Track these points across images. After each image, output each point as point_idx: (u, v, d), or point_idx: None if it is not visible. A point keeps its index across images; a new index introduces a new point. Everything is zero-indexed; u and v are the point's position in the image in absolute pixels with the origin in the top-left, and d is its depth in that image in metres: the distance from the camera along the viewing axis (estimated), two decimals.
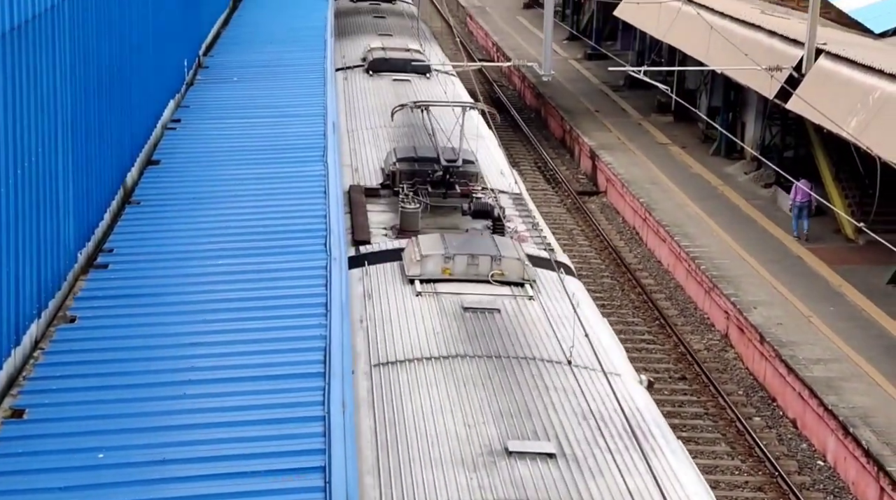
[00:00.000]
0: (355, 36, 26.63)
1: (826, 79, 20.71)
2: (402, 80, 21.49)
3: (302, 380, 8.22)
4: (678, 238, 22.77)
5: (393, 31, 27.05)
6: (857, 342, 17.79)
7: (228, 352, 8.62)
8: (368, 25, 28.22)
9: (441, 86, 21.51)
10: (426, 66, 22.05)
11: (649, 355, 19.23)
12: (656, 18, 28.59)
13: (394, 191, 14.30)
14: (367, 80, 21.71)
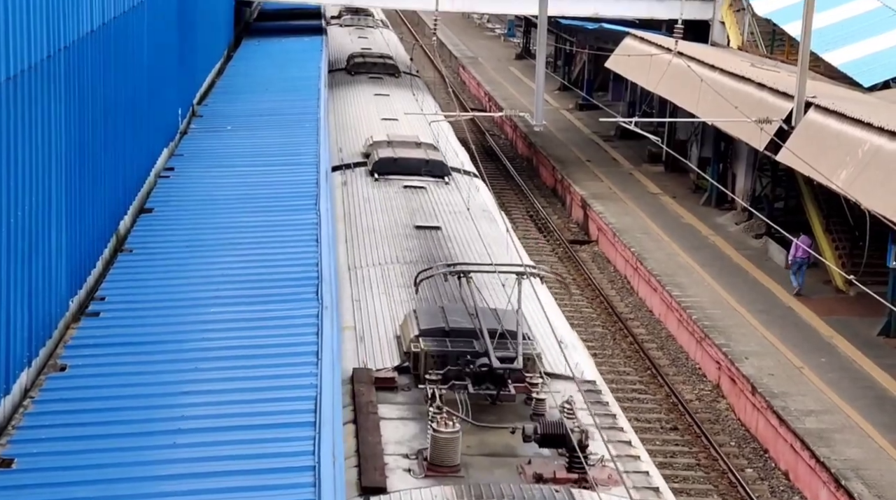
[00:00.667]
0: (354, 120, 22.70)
1: (816, 131, 20.90)
2: (417, 188, 16.98)
3: (292, 429, 8.19)
4: (669, 288, 22.82)
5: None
6: (849, 394, 17.79)
7: (219, 401, 8.59)
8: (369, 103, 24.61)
9: (463, 195, 16.85)
10: (442, 165, 17.80)
11: (641, 405, 19.18)
12: (647, 70, 28.88)
13: (416, 382, 9.97)
14: (371, 188, 17.08)
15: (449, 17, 60.35)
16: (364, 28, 37.05)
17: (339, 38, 34.26)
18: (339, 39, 33.93)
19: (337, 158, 18.60)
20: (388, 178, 17.29)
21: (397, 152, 17.98)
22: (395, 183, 17.14)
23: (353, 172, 17.93)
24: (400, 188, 16.89)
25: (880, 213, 16.60)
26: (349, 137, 20.65)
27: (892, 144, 18.29)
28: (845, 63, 25.47)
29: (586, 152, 35.10)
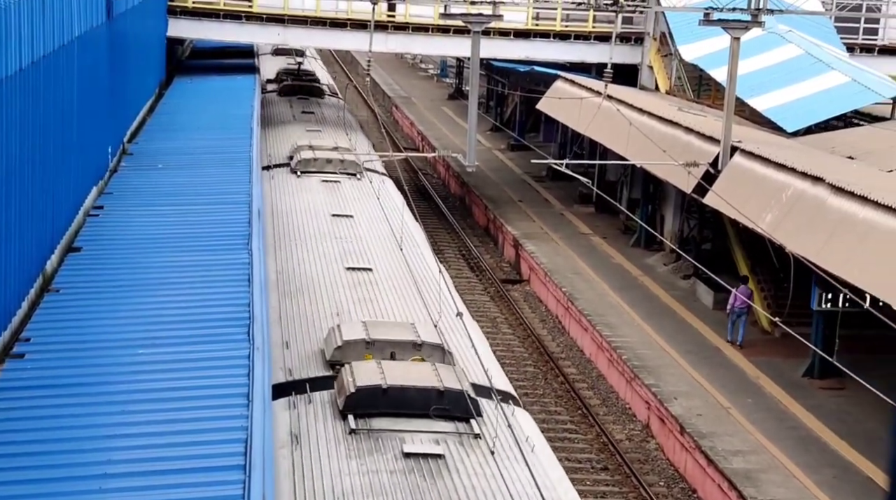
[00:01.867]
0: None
1: (741, 175, 21.37)
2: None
3: (222, 473, 8.10)
4: (600, 328, 23.04)
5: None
6: (774, 434, 18.07)
7: (148, 444, 8.46)
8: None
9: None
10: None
11: (572, 445, 19.27)
12: (577, 113, 29.31)
13: None
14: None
15: (382, 57, 60.69)
16: None
17: None
18: None
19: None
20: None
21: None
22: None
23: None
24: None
25: (803, 256, 17.00)
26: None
27: (814, 189, 18.77)
28: (769, 109, 26.13)
29: (518, 192, 35.42)
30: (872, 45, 32.19)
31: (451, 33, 31.15)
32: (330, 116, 29.44)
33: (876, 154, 22.94)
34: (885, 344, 20.86)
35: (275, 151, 23.47)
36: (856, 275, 16.50)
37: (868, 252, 16.61)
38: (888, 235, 16.27)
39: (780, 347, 21.13)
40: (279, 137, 25.53)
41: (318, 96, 31.96)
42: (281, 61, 37.98)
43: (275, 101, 31.12)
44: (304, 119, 28.38)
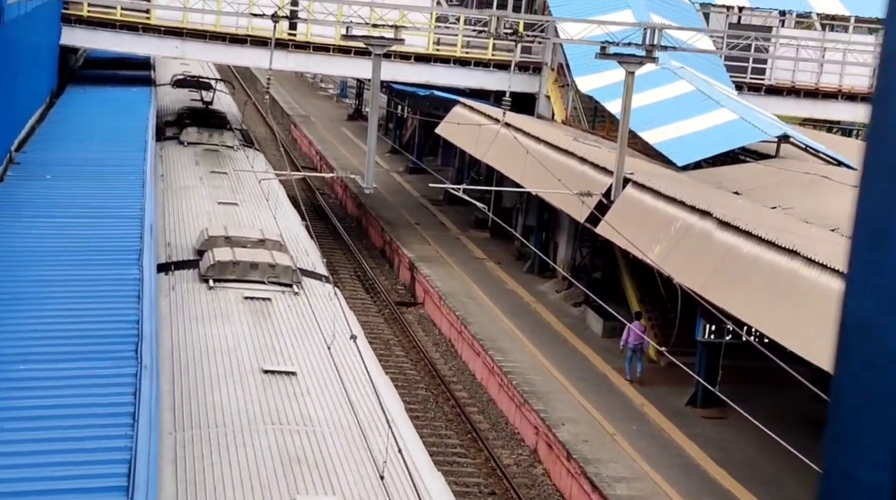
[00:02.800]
0: None
1: (632, 206, 21.86)
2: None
3: (103, 495, 7.91)
4: (492, 352, 23.23)
5: None
6: (657, 461, 18.45)
7: (26, 463, 8.22)
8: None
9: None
10: None
11: (461, 469, 19.35)
12: (475, 139, 29.61)
13: None
14: None
15: (283, 76, 60.35)
16: None
17: None
18: None
19: None
20: None
21: None
22: None
23: None
24: None
25: (690, 288, 17.45)
26: None
27: (702, 223, 19.31)
28: (661, 142, 26.81)
29: (415, 215, 35.55)
30: (760, 84, 33.35)
31: (353, 54, 31.18)
32: None
33: (760, 190, 23.72)
34: (766, 375, 21.53)
35: (176, 239, 17.12)
36: (738, 308, 17.01)
37: (750, 286, 17.14)
38: (770, 269, 16.83)
39: (665, 376, 21.61)
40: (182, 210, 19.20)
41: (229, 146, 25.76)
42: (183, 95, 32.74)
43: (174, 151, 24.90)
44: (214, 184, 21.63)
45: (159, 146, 23.46)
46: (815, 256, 15.88)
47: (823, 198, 22.33)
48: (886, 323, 1.03)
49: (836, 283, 15.22)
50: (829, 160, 26.67)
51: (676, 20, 30.67)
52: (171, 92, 31.55)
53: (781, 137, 26.90)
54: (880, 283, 1.04)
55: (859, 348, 1.06)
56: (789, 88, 33.29)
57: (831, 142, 29.92)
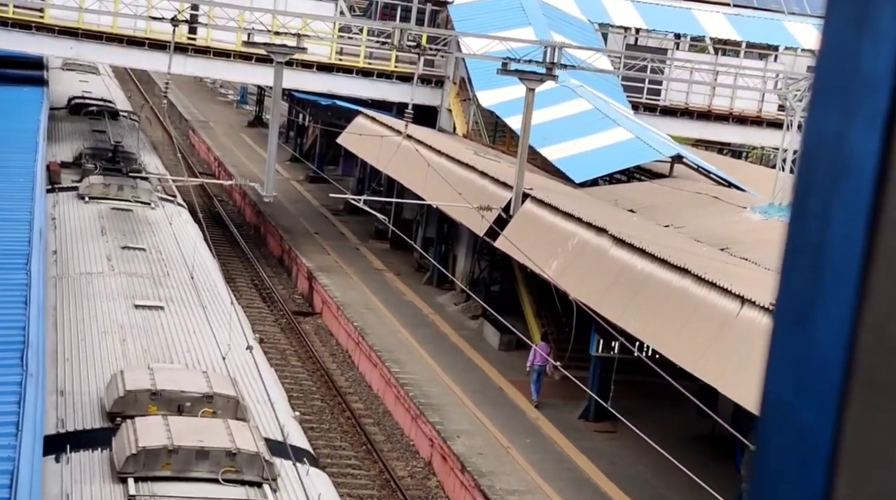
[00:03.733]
0: None
1: (531, 221, 22.14)
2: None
3: None
4: (389, 364, 23.23)
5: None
6: (550, 475, 18.67)
7: None
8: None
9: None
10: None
11: (354, 481, 19.29)
12: (378, 150, 29.64)
13: None
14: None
15: (181, 80, 59.42)
16: None
17: None
18: None
19: None
20: None
21: None
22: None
23: None
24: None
25: (584, 303, 17.75)
26: None
27: (598, 239, 19.67)
28: (559, 159, 27.23)
29: (315, 225, 35.36)
30: (655, 104, 34.15)
31: (254, 61, 30.90)
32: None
33: (655, 209, 24.27)
34: (656, 391, 22.00)
35: None
36: (631, 324, 17.36)
37: (643, 302, 17.52)
38: (661, 287, 17.23)
39: (559, 389, 21.90)
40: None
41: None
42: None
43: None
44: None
45: (51, 201, 19.87)
46: (705, 274, 16.31)
47: (714, 217, 22.97)
48: (805, 402, 1.08)
49: (724, 301, 15.65)
50: (719, 181, 27.43)
51: (576, 39, 31.22)
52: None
53: (675, 157, 27.58)
54: (801, 362, 1.09)
55: (779, 425, 1.10)
56: (683, 110, 34.16)
57: (722, 163, 30.80)
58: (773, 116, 33.49)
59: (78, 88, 34.27)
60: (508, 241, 21.47)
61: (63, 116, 29.96)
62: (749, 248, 19.90)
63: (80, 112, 30.70)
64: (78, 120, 29.77)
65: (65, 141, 26.15)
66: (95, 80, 37.62)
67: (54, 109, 29.27)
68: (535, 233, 21.66)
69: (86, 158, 22.70)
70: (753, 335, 14.63)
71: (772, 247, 20.90)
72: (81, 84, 34.51)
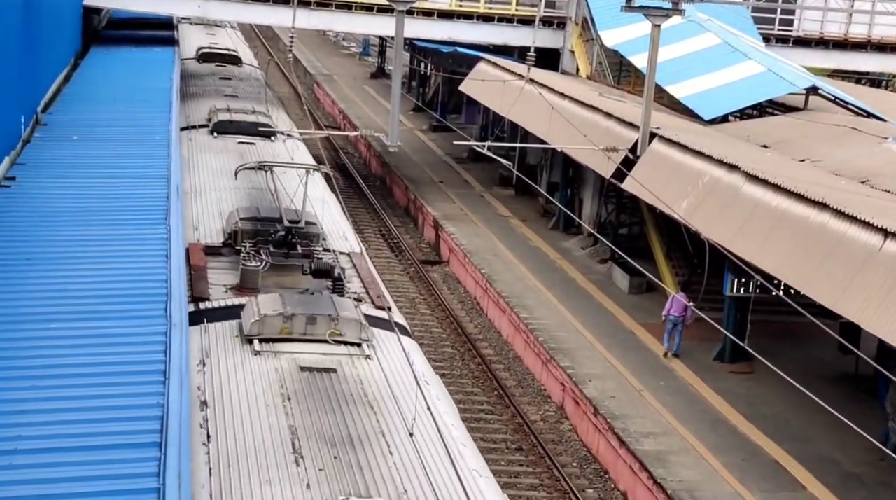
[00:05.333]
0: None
1: (659, 161, 21.68)
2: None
3: (137, 450, 7.98)
4: (517, 309, 23.22)
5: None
6: (685, 417, 18.44)
7: (59, 420, 8.30)
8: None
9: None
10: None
11: (487, 426, 19.42)
12: (500, 95, 29.40)
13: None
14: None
15: (305, 34, 60.09)
16: None
17: None
18: None
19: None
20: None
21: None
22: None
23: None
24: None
25: (718, 242, 17.33)
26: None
27: (729, 176, 19.13)
28: (687, 96, 26.53)
29: (439, 173, 35.45)
30: (788, 35, 32.89)
31: (375, 11, 30.97)
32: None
33: (789, 144, 23.46)
34: (794, 330, 21.43)
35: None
36: (767, 262, 16.89)
37: (779, 240, 17.00)
38: (799, 223, 16.68)
39: (692, 331, 21.52)
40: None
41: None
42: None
43: None
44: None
45: None
46: (845, 208, 15.71)
47: (853, 150, 22.07)
48: None
49: (865, 235, 15.06)
50: (858, 112, 26.32)
51: None
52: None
53: (810, 88, 26.55)
54: None
55: None
56: (817, 40, 32.81)
57: (861, 93, 29.53)
58: None
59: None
60: (636, 182, 21.09)
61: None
62: (891, 180, 19.09)
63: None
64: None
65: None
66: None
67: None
68: (664, 173, 21.21)
69: (243, 238, 14.73)
70: None
71: None
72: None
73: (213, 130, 22.15)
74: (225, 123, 22.19)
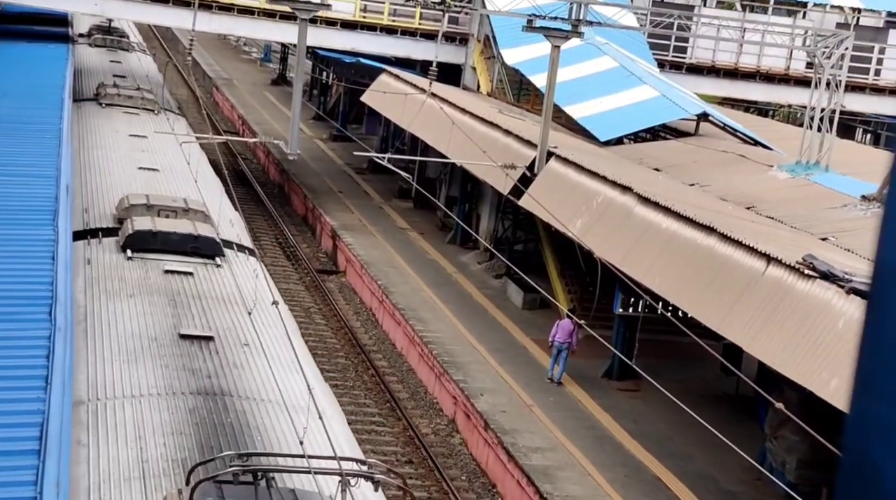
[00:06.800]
0: None
1: (555, 180, 22.02)
2: None
3: (15, 458, 7.78)
4: (413, 322, 23.27)
5: None
6: (573, 433, 18.71)
7: None
8: None
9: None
10: None
11: (378, 438, 19.41)
12: (401, 108, 29.51)
13: None
14: None
15: (205, 38, 59.32)
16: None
17: None
18: None
19: None
20: None
21: None
22: None
23: None
24: None
25: (609, 262, 17.67)
26: None
27: (623, 198, 19.55)
28: (584, 117, 27.03)
29: (339, 183, 35.35)
30: (681, 62, 33.77)
31: (278, 18, 30.77)
32: None
33: (680, 168, 24.09)
34: (681, 350, 21.95)
35: None
36: (656, 282, 17.29)
37: (668, 261, 17.43)
38: (687, 245, 17.12)
39: (583, 347, 21.88)
40: None
41: None
42: None
43: None
44: None
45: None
46: (731, 233, 16.19)
47: (740, 176, 22.77)
48: (886, 461, 1.02)
49: (750, 260, 15.55)
50: (746, 139, 27.17)
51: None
52: None
53: (701, 115, 27.32)
54: (883, 420, 1.03)
55: (859, 485, 1.05)
56: (709, 67, 33.78)
57: (749, 121, 30.49)
58: (801, 74, 33.08)
59: None
60: (533, 199, 21.38)
61: None
62: (776, 206, 19.75)
63: None
64: None
65: None
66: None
67: None
68: (560, 191, 21.55)
69: None
70: (779, 294, 14.54)
71: (798, 206, 20.74)
72: None
73: None
74: None
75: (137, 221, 14.54)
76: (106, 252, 14.18)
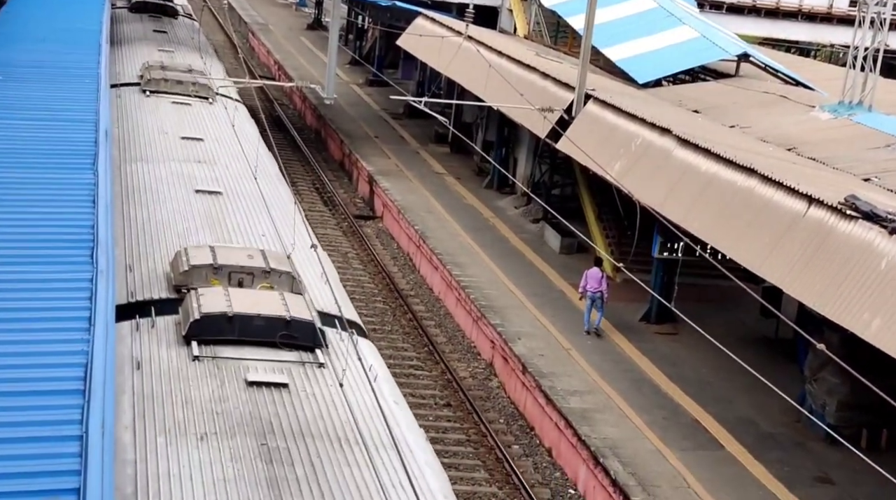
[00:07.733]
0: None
1: (593, 123, 21.81)
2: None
3: (60, 397, 7.89)
4: (450, 267, 23.31)
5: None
6: (610, 376, 18.74)
7: None
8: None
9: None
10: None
11: (416, 381, 19.53)
12: (437, 52, 29.28)
13: None
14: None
15: None
16: None
17: None
18: None
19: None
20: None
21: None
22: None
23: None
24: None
25: (648, 205, 17.53)
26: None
27: (661, 140, 19.33)
28: (623, 59, 26.70)
29: (375, 128, 35.27)
30: (722, 2, 33.22)
31: None
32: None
33: (720, 109, 23.77)
34: (719, 293, 21.84)
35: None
36: (695, 225, 17.14)
37: (707, 203, 17.26)
38: (726, 187, 16.93)
39: (621, 292, 21.82)
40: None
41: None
42: None
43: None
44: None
45: None
46: (772, 174, 15.99)
47: (781, 117, 22.43)
48: None
49: (791, 201, 15.35)
50: (787, 80, 26.73)
51: None
52: None
53: (741, 55, 26.88)
54: None
55: None
56: (750, 7, 33.21)
57: (790, 62, 29.96)
58: (845, 12, 32.44)
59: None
60: (571, 142, 21.20)
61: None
62: (817, 147, 19.47)
63: None
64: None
65: None
66: None
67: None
68: (598, 135, 21.35)
69: None
70: (820, 235, 14.37)
71: (840, 146, 20.42)
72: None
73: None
74: None
75: (205, 296, 10.65)
76: (162, 345, 10.37)
